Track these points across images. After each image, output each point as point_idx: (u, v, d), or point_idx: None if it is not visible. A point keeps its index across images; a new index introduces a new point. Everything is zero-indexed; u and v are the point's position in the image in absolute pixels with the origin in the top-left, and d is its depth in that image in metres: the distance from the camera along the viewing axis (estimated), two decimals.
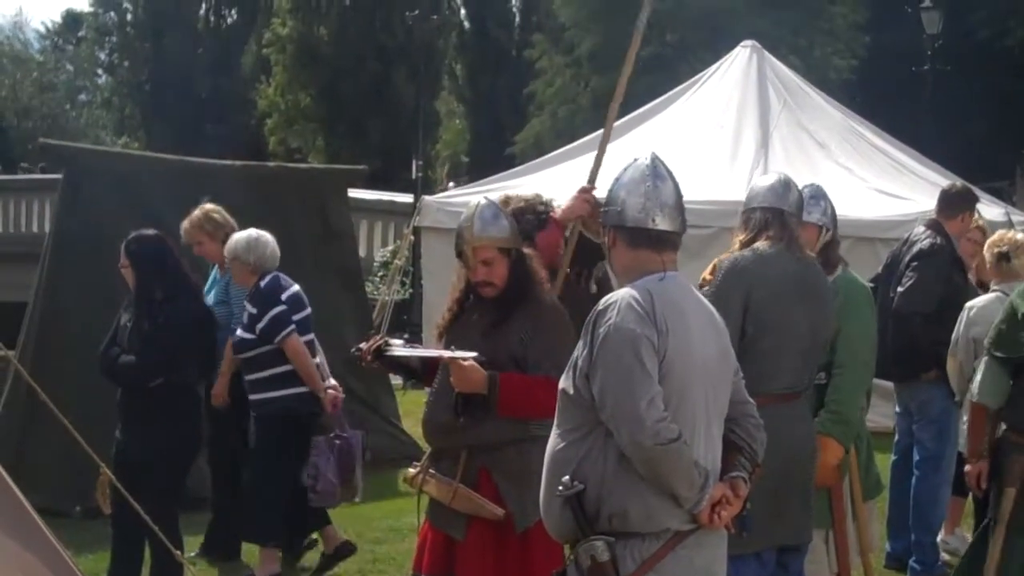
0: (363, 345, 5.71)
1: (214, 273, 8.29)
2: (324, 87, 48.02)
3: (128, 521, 5.67)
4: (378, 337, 5.78)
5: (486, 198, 5.63)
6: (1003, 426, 6.23)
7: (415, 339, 13.76)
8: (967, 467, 6.35)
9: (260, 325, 7.54)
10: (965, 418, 7.03)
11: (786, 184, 5.91)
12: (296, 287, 7.76)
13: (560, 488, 4.05)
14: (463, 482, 5.34)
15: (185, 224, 8.08)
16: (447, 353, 5.34)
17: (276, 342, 7.55)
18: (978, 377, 6.22)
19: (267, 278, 7.62)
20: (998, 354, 6.06)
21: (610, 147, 6.10)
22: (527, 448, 5.24)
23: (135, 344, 6.65)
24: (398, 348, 5.72)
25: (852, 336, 6.18)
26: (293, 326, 7.62)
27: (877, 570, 7.27)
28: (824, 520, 6.22)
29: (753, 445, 4.30)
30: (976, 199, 8.50)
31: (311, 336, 7.84)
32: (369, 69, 47.10)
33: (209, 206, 8.12)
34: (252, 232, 7.72)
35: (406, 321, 19.76)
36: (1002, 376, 6.07)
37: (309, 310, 7.83)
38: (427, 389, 5.71)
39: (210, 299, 7.95)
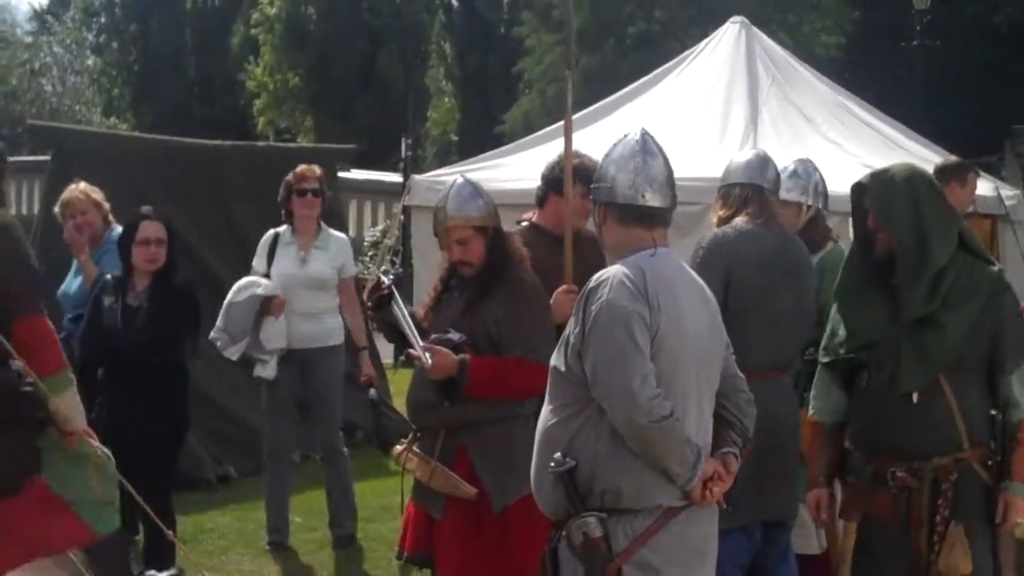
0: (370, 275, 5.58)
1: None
2: (312, 67, 47.85)
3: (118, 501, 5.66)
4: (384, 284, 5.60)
5: (463, 177, 5.62)
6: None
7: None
8: (808, 494, 5.20)
9: None
10: None
11: (764, 160, 5.93)
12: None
13: (552, 464, 4.05)
14: (441, 460, 5.34)
15: (68, 197, 7.75)
16: (413, 349, 5.31)
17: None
18: (813, 390, 5.17)
19: None
20: (823, 359, 5.04)
21: (600, 124, 6.13)
22: (508, 427, 5.27)
23: (141, 321, 6.66)
24: (399, 309, 5.53)
25: None
26: None
27: None
28: None
29: (744, 420, 4.31)
30: (965, 169, 8.45)
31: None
32: (357, 48, 46.96)
33: (83, 184, 7.85)
34: None
35: None
36: (832, 386, 5.00)
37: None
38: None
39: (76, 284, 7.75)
